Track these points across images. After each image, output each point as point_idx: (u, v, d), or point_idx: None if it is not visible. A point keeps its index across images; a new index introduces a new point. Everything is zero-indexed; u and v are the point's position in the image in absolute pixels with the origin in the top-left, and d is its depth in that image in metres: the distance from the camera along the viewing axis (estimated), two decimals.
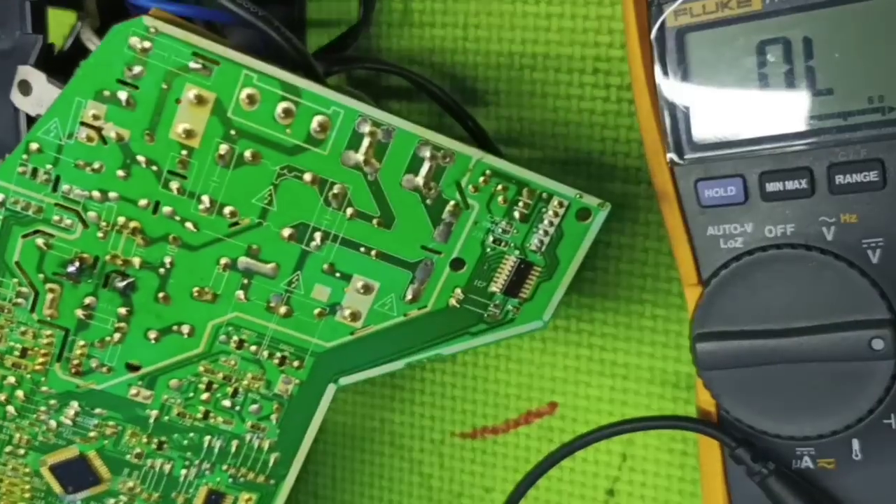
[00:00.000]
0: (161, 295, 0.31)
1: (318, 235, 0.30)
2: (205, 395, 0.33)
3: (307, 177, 0.29)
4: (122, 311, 0.31)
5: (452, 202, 0.29)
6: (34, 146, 0.28)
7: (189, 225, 0.30)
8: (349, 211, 0.29)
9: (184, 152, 0.28)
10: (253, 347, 0.32)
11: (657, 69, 0.29)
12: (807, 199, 0.28)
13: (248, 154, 0.28)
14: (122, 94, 0.27)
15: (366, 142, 0.28)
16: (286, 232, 0.30)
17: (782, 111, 0.28)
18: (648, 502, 0.36)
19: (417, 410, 0.40)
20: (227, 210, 0.29)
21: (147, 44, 0.27)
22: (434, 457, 0.40)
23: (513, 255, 0.31)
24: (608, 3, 0.34)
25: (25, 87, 0.29)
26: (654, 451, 0.36)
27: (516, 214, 0.30)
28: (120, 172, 0.29)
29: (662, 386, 0.35)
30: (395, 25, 0.37)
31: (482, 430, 0.39)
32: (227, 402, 0.33)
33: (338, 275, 0.30)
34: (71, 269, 0.30)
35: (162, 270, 0.30)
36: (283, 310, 0.31)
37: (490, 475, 0.39)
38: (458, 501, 0.40)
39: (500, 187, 0.29)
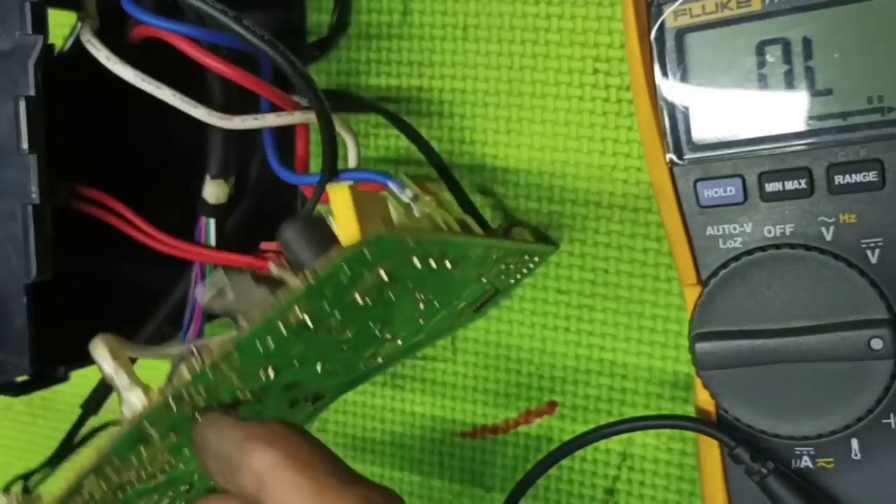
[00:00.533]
0: None
1: None
2: None
3: None
4: None
5: None
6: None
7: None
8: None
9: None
10: None
11: (657, 69, 0.29)
12: (806, 199, 0.28)
13: None
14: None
15: None
16: None
17: (782, 111, 0.28)
18: (648, 501, 0.36)
19: (417, 410, 0.40)
20: None
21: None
22: (434, 456, 0.40)
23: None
24: (608, 4, 0.34)
25: (223, 295, 0.28)
26: (653, 451, 0.36)
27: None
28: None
29: (662, 386, 0.35)
30: (394, 26, 0.37)
31: (482, 430, 0.39)
32: None
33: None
34: None
35: None
36: None
37: (490, 474, 0.39)
38: (459, 501, 0.40)
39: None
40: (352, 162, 0.34)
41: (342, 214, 0.25)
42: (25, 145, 0.29)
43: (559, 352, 0.37)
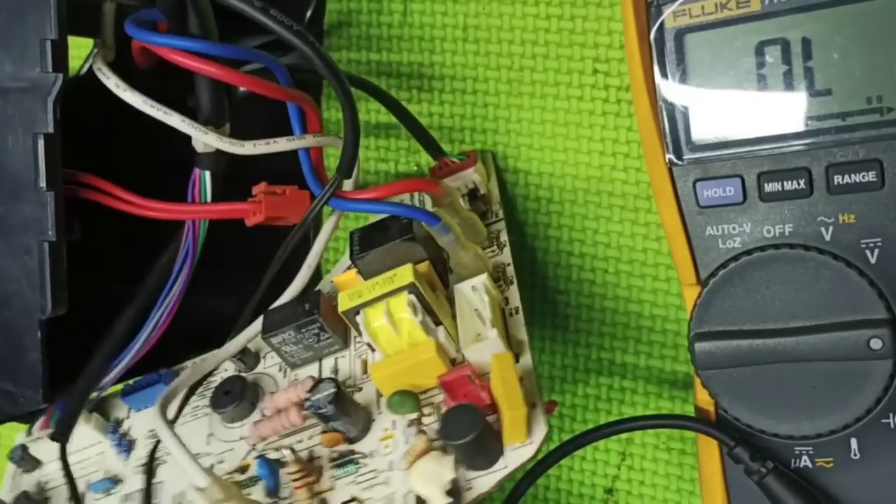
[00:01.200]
0: None
1: None
2: None
3: None
4: None
5: None
6: None
7: None
8: None
9: None
10: None
11: (656, 70, 0.29)
12: (805, 199, 0.28)
13: None
14: None
15: None
16: None
17: (781, 112, 0.28)
18: (647, 501, 0.36)
19: None
20: None
21: None
22: None
23: None
24: (608, 4, 0.34)
25: None
26: (652, 450, 0.36)
27: None
28: None
29: (661, 385, 0.35)
30: (395, 26, 0.37)
31: None
32: None
33: None
34: None
35: None
36: None
37: None
38: None
39: None
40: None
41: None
42: (43, 183, 0.29)
43: (559, 352, 0.37)
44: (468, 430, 0.27)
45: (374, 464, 0.30)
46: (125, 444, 0.37)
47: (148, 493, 0.34)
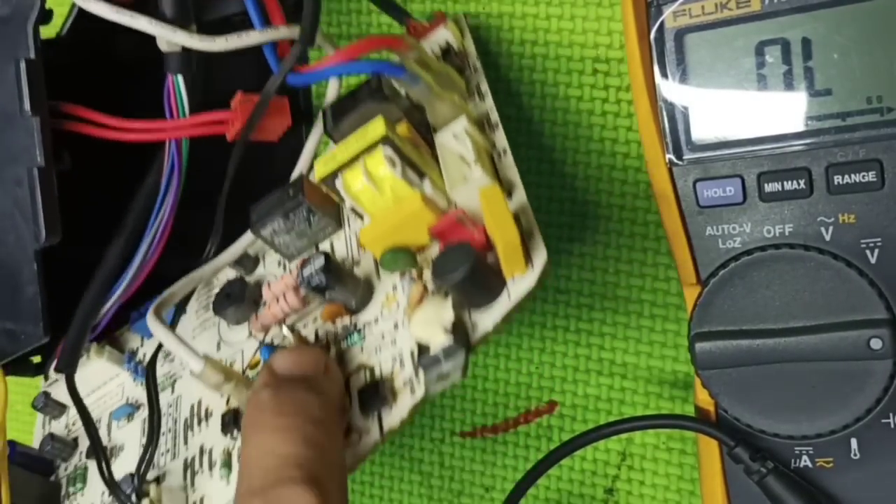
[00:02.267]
0: None
1: None
2: None
3: None
4: None
5: None
6: None
7: None
8: None
9: None
10: None
11: (656, 70, 0.29)
12: (805, 199, 0.28)
13: None
14: None
15: None
16: None
17: (781, 112, 0.28)
18: (647, 501, 0.36)
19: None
20: None
21: None
22: (434, 456, 0.40)
23: None
24: (608, 4, 0.34)
25: None
26: (653, 451, 0.36)
27: None
28: None
29: (661, 385, 0.35)
30: (395, 27, 0.37)
31: (482, 429, 0.39)
32: None
33: None
34: None
35: None
36: None
37: (490, 474, 0.39)
38: (459, 500, 0.40)
39: None
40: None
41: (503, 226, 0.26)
42: (28, 107, 0.29)
43: (559, 352, 0.37)
44: (460, 264, 0.25)
45: (378, 329, 0.29)
46: (140, 371, 0.37)
47: (151, 395, 0.33)
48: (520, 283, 0.26)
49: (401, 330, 0.28)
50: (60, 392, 0.38)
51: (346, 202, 0.29)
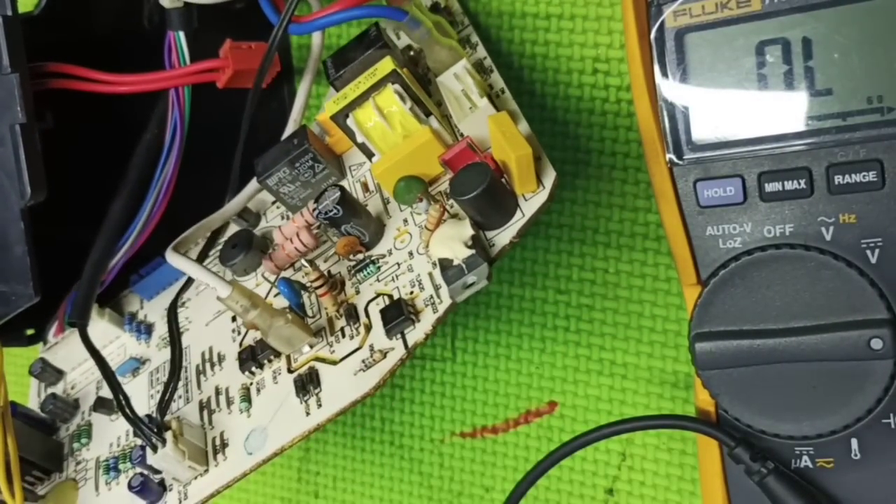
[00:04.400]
0: None
1: None
2: None
3: None
4: None
5: None
6: None
7: None
8: None
9: None
10: None
11: (656, 70, 0.29)
12: (805, 199, 0.28)
13: None
14: None
15: None
16: None
17: (781, 111, 0.28)
18: (648, 501, 0.36)
19: (417, 410, 0.40)
20: None
21: None
22: (434, 456, 0.40)
23: None
24: (608, 4, 0.34)
25: None
26: (653, 451, 0.36)
27: None
28: None
29: (661, 385, 0.35)
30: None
31: (482, 430, 0.39)
32: None
33: None
34: None
35: None
36: None
37: (490, 474, 0.39)
38: (458, 500, 0.40)
39: None
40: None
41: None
42: (7, 62, 0.29)
43: (559, 352, 0.37)
44: (478, 180, 0.27)
45: (393, 259, 0.31)
46: (143, 329, 0.37)
47: (173, 331, 0.34)
48: (532, 200, 0.28)
49: (416, 258, 0.30)
50: (58, 358, 0.38)
51: (356, 138, 0.30)
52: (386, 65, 0.30)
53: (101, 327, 0.38)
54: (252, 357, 0.32)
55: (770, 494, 0.29)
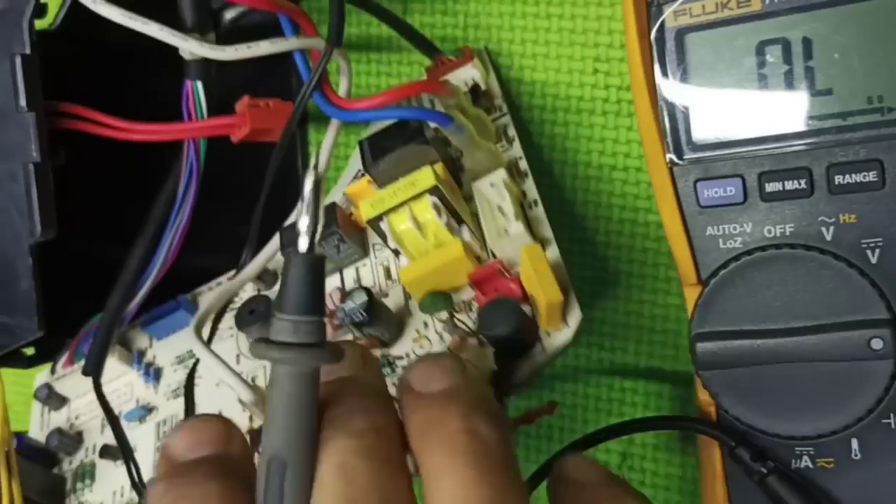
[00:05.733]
0: None
1: None
2: None
3: None
4: None
5: None
6: None
7: None
8: None
9: None
10: None
11: (657, 69, 0.29)
12: (806, 199, 0.28)
13: None
14: None
15: None
16: None
17: (782, 111, 0.28)
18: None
19: None
20: None
21: None
22: None
23: None
24: (608, 4, 0.34)
25: None
26: (653, 451, 0.36)
27: None
28: None
29: (662, 386, 0.35)
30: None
31: None
32: None
33: None
34: None
35: None
36: None
37: None
38: None
39: None
40: (343, 88, 0.33)
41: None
42: (24, 103, 0.29)
43: None
44: (508, 320, 0.27)
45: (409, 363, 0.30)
46: (152, 373, 0.37)
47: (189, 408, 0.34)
48: (556, 337, 0.29)
49: None
50: (64, 386, 0.38)
51: (388, 241, 0.30)
52: (427, 178, 0.30)
53: (109, 364, 0.37)
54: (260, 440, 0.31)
55: (770, 494, 0.29)
